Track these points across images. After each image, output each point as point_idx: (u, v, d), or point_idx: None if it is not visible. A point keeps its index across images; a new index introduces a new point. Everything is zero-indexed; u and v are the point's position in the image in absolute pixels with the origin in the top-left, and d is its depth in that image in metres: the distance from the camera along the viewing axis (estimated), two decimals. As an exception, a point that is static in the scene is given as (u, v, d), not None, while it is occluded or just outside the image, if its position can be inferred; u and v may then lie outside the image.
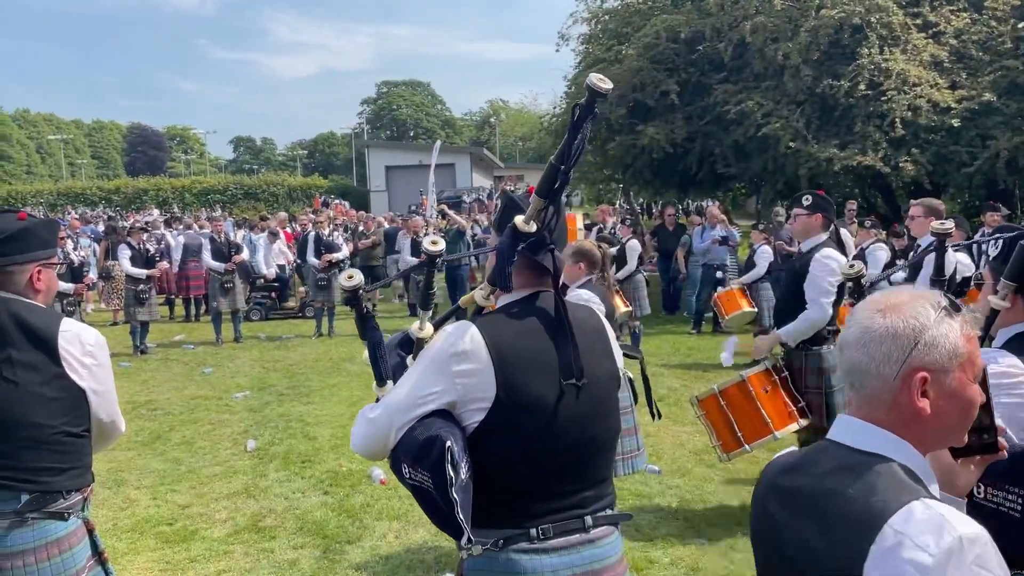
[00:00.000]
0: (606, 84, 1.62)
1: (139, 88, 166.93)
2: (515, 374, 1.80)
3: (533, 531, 1.81)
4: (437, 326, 2.03)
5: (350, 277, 1.91)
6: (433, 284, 2.04)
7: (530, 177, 47.31)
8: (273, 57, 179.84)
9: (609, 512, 1.95)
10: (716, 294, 9.58)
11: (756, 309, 9.20)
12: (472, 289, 2.08)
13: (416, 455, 1.74)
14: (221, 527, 4.80)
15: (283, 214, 19.49)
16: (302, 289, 14.22)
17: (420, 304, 2.05)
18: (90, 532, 2.36)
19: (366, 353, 1.99)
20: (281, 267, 14.23)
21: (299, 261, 14.20)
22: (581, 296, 4.04)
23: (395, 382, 1.94)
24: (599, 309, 3.88)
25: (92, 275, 11.78)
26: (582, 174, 20.02)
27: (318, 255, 11.98)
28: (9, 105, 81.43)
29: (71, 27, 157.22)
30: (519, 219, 1.83)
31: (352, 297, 1.93)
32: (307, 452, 6.19)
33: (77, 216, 21.41)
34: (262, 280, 13.77)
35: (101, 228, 17.29)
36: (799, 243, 4.80)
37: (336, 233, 13.05)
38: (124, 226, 13.57)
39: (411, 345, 2.09)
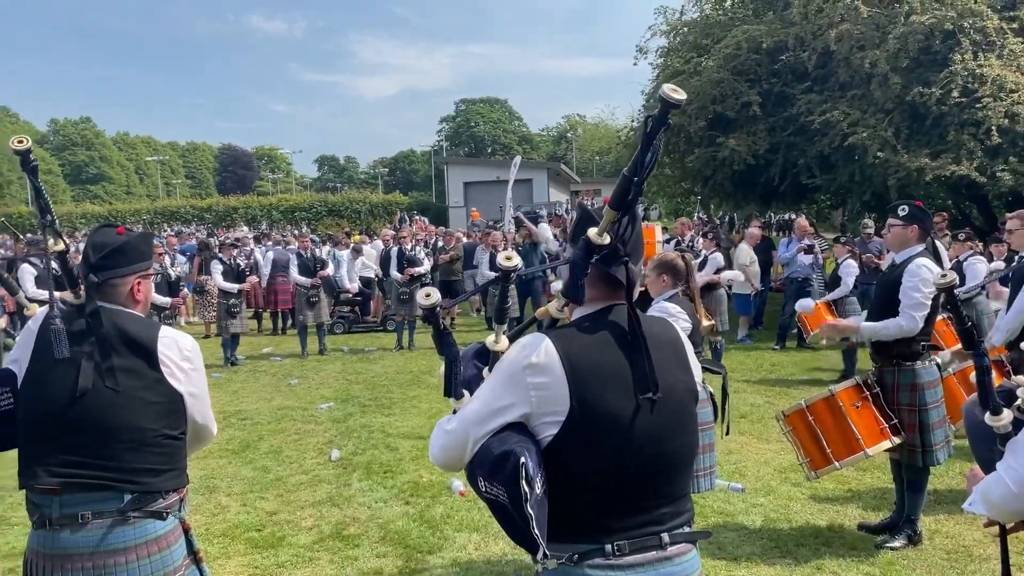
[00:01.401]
0: (679, 94, 1.60)
1: (231, 110, 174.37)
2: (589, 387, 1.79)
3: (608, 547, 1.79)
4: (512, 339, 2.05)
5: (428, 295, 1.94)
6: (508, 298, 2.05)
7: (607, 191, 47.12)
8: (358, 78, 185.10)
9: (687, 529, 1.92)
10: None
11: (842, 324, 8.93)
12: (547, 302, 2.09)
13: (491, 469, 1.76)
14: (307, 534, 4.93)
15: (387, 230, 20.03)
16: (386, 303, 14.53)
17: (495, 318, 2.07)
18: (186, 532, 2.45)
19: (441, 367, 2.02)
20: (367, 281, 14.57)
21: (381, 275, 14.53)
22: (668, 310, 3.99)
23: (471, 393, 1.97)
24: (684, 323, 3.84)
25: (187, 290, 12.31)
26: (660, 187, 19.86)
27: (401, 269, 12.22)
28: (111, 129, 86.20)
29: (168, 53, 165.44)
30: (592, 232, 1.83)
31: (430, 314, 1.96)
32: (389, 462, 6.31)
33: (173, 233, 22.39)
34: (346, 294, 14.14)
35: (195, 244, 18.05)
36: (892, 255, 4.64)
37: (418, 248, 13.28)
38: (216, 242, 14.12)
39: (487, 356, 2.11)
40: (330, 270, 12.53)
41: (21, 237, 16.22)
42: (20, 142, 2.36)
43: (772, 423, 6.56)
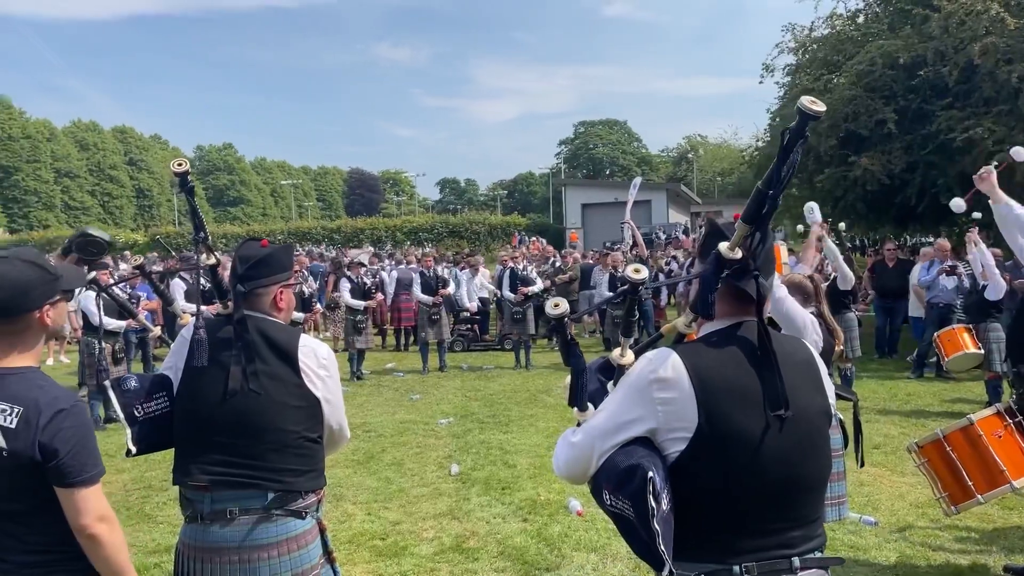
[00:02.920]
0: (818, 106, 1.57)
1: (358, 135, 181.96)
2: (718, 404, 1.77)
3: (736, 568, 1.76)
4: (638, 353, 2.04)
5: (556, 305, 1.95)
6: (635, 311, 2.05)
7: (729, 213, 46.00)
8: (478, 103, 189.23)
9: (818, 555, 1.86)
10: (937, 333, 8.78)
11: (983, 351, 8.33)
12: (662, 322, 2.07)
13: (617, 483, 1.76)
14: (428, 545, 5.05)
15: (502, 252, 20.43)
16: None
17: (622, 331, 2.06)
18: (322, 532, 2.57)
19: (567, 378, 2.03)
20: (483, 299, 14.83)
21: (499, 295, 14.77)
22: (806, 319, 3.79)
23: (595, 407, 1.96)
24: (816, 337, 3.69)
25: (319, 305, 12.89)
26: (786, 208, 19.20)
27: (514, 289, 12.37)
28: (250, 154, 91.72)
29: (302, 83, 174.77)
30: (723, 246, 1.81)
31: (557, 324, 1.97)
32: (507, 479, 6.37)
33: (304, 253, 23.50)
34: (465, 313, 14.42)
35: (322, 263, 18.87)
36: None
37: (530, 268, 13.42)
38: (346, 261, 14.73)
39: (611, 371, 2.10)
40: (451, 289, 12.82)
41: (174, 253, 17.43)
42: (180, 164, 2.57)
43: (908, 455, 6.22)
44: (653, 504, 1.66)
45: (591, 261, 16.93)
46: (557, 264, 15.83)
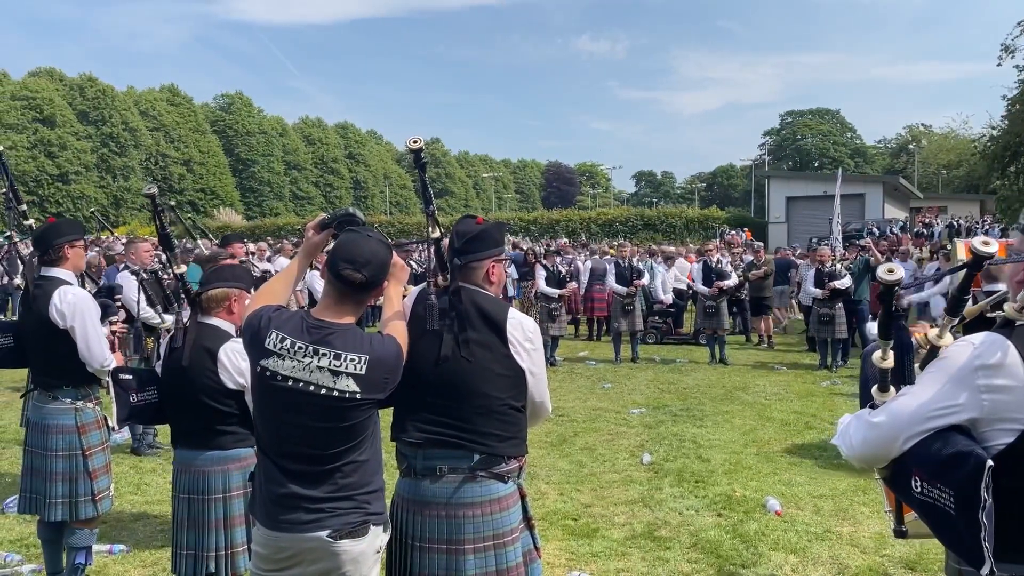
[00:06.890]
0: None
1: (556, 129, 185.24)
2: None
3: None
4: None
5: (891, 271, 1.83)
6: (968, 289, 1.90)
7: (954, 208, 41.98)
8: (678, 94, 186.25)
9: None
10: None
11: None
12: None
13: (936, 470, 1.67)
14: (619, 530, 5.06)
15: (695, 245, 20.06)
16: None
17: (948, 310, 1.92)
18: (523, 498, 2.66)
19: (877, 352, 1.93)
20: (680, 293, 14.57)
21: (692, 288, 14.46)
22: None
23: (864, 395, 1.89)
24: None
25: (511, 291, 13.26)
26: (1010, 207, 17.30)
27: (708, 283, 12.05)
28: (455, 148, 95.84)
29: (503, 78, 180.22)
30: None
31: (886, 292, 1.86)
32: (700, 473, 6.24)
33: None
34: (659, 305, 14.24)
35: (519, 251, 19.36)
36: None
37: (725, 261, 12.99)
38: (540, 250, 15.04)
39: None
40: (645, 280, 12.71)
41: (390, 241, 18.77)
42: (415, 141, 2.77)
43: None
44: (985, 495, 1.56)
45: (790, 256, 16.13)
46: (750, 260, 15.22)
